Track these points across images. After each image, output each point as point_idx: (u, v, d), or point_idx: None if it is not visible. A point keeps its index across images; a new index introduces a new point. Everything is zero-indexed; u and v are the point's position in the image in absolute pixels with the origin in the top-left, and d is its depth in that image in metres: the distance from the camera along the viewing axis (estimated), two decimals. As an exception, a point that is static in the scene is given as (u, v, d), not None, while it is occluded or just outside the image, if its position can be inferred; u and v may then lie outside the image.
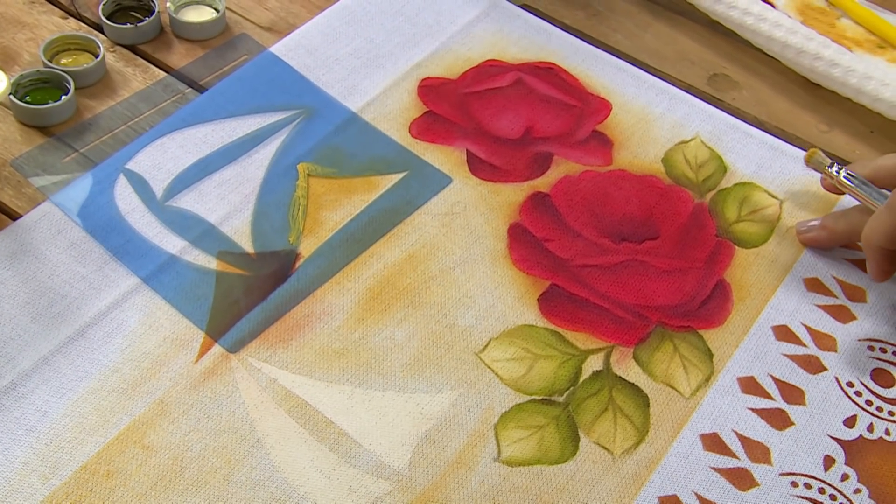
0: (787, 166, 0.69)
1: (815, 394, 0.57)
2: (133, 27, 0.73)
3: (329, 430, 0.53)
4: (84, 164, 0.64)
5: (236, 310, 0.58)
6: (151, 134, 0.67)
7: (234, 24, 0.76)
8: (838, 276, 0.63)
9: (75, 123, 0.67)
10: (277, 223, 0.63)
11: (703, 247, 0.64)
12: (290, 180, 0.65)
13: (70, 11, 0.75)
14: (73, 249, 0.60)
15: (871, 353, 0.60)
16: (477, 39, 0.76)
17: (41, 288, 0.58)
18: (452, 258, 0.62)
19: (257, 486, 0.51)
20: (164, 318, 0.57)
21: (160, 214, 0.62)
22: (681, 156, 0.70)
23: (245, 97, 0.70)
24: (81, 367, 0.54)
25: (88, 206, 0.62)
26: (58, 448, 0.51)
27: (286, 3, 0.79)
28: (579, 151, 0.69)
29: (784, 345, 0.60)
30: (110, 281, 0.58)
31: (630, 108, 0.72)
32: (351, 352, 0.57)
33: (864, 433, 0.56)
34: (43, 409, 0.53)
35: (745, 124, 0.72)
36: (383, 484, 0.51)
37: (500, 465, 0.53)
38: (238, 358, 0.56)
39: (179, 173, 0.65)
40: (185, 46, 0.74)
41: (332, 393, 0.55)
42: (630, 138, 0.70)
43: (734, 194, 0.67)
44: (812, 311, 0.61)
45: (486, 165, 0.68)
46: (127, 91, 0.70)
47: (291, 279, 0.60)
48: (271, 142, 0.67)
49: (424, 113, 0.70)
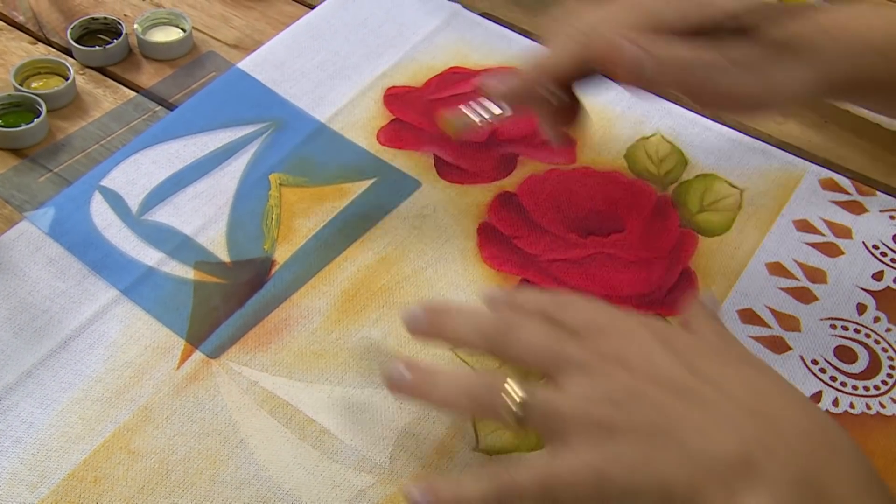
0: (745, 157, 0.72)
1: (781, 373, 0.59)
2: (102, 49, 0.74)
3: (310, 428, 0.54)
4: (59, 184, 0.65)
5: (215, 317, 0.59)
6: (124, 151, 0.68)
7: (201, 43, 0.78)
8: (799, 259, 0.65)
9: (49, 144, 0.68)
10: (252, 232, 0.64)
11: (668, 237, 0.66)
12: (263, 190, 0.67)
13: (38, 37, 0.77)
14: (52, 265, 0.61)
15: (833, 331, 0.62)
16: (439, 48, 0.78)
17: (22, 304, 0.59)
18: (424, 259, 0.63)
19: (243, 484, 0.52)
20: (144, 327, 0.58)
21: (136, 228, 0.63)
22: (642, 151, 0.72)
23: (215, 112, 0.71)
24: (65, 379, 0.56)
25: (65, 224, 0.63)
26: (45, 457, 0.52)
27: (251, 20, 0.80)
28: (544, 151, 0.71)
29: (750, 327, 0.61)
30: (90, 294, 0.59)
31: (591, 107, 0.74)
32: (329, 352, 0.58)
33: (829, 408, 0.58)
34: (28, 420, 0.54)
35: (703, 118, 0.74)
36: (366, 477, 0.53)
37: (480, 454, 0.54)
38: (219, 363, 0.57)
39: (154, 188, 0.66)
40: (154, 66, 0.75)
41: (312, 392, 0.56)
42: (593, 136, 0.72)
43: (696, 186, 0.69)
44: (775, 293, 0.63)
45: (453, 168, 0.69)
46: (98, 111, 0.71)
47: (268, 285, 0.61)
48: (242, 154, 0.69)
49: (391, 121, 0.72)
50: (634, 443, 0.43)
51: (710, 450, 0.42)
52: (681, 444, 0.42)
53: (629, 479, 0.42)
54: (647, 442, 0.43)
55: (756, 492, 0.40)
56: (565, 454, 0.44)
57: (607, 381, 0.45)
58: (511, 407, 0.45)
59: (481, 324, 0.49)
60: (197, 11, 0.81)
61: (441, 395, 0.48)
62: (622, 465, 0.42)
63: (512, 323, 0.48)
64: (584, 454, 0.43)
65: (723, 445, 0.42)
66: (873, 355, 0.60)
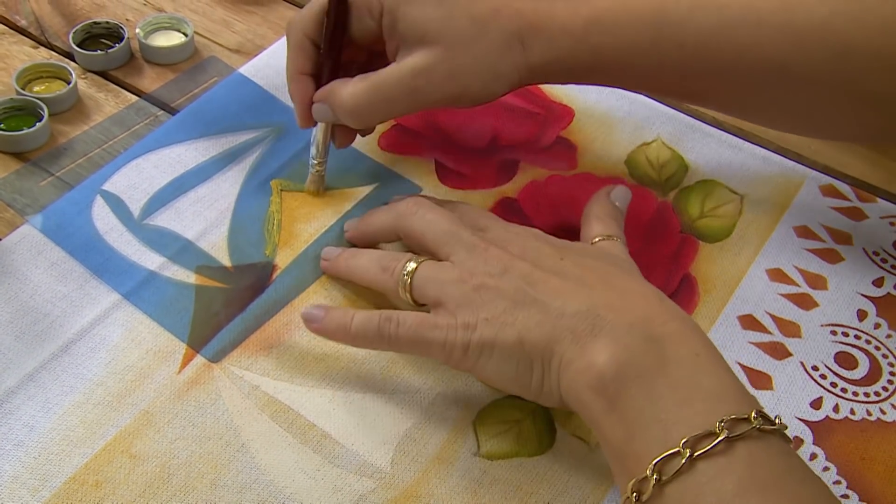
0: (746, 163, 0.72)
1: (781, 379, 0.59)
2: (103, 53, 0.74)
3: (312, 432, 0.54)
4: (61, 188, 0.66)
5: (216, 321, 0.59)
6: (126, 156, 0.68)
7: (202, 48, 0.78)
8: (800, 265, 0.66)
9: (50, 148, 0.68)
10: (253, 237, 0.64)
11: (669, 243, 0.66)
12: (264, 196, 0.67)
13: (41, 41, 0.77)
14: (54, 269, 0.61)
15: (833, 337, 0.62)
16: (441, 54, 0.78)
17: (23, 308, 0.59)
18: (426, 263, 0.64)
19: (244, 489, 0.52)
20: (145, 331, 0.58)
21: (138, 233, 0.63)
22: (643, 157, 0.72)
23: (216, 117, 0.71)
24: (66, 382, 0.56)
25: (67, 228, 0.63)
26: (46, 461, 0.52)
27: (253, 25, 0.81)
28: (544, 157, 0.71)
29: (750, 333, 0.61)
30: (91, 298, 0.60)
31: (592, 113, 0.74)
32: (330, 357, 0.58)
33: (830, 414, 0.58)
34: (30, 424, 0.54)
35: (704, 125, 0.74)
36: (367, 482, 0.53)
37: (480, 459, 0.54)
38: (220, 367, 0.57)
39: (155, 192, 0.66)
40: (156, 71, 0.76)
41: (314, 397, 0.56)
42: (593, 142, 0.72)
43: (696, 192, 0.70)
44: (776, 299, 0.64)
45: (454, 174, 0.69)
46: (100, 116, 0.71)
47: (269, 290, 0.61)
48: (244, 159, 0.69)
49: (393, 126, 0.72)
50: (502, 304, 0.51)
51: (565, 308, 0.50)
52: (541, 304, 0.51)
53: (494, 335, 0.51)
54: (512, 302, 0.51)
55: (600, 339, 0.48)
56: (443, 314, 0.53)
57: (486, 258, 0.54)
58: (404, 275, 0.55)
59: (399, 208, 0.59)
60: (199, 16, 0.81)
61: (360, 264, 0.59)
62: (490, 323, 0.51)
63: (423, 207, 0.58)
64: (460, 315, 0.52)
65: (575, 306, 0.50)
66: (874, 361, 0.61)
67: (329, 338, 0.57)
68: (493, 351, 0.51)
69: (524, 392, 0.52)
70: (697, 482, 0.43)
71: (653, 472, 0.44)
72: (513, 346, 0.50)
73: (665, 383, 0.46)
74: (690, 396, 0.46)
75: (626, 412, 0.46)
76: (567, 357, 0.49)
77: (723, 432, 0.43)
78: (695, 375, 0.47)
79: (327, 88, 0.62)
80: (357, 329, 0.55)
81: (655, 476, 0.44)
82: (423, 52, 0.59)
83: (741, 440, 0.44)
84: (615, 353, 0.47)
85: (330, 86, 0.62)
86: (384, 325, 0.54)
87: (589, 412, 0.48)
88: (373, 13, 0.61)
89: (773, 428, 0.45)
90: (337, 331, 0.56)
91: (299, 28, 0.62)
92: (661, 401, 0.46)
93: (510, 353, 0.51)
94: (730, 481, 0.43)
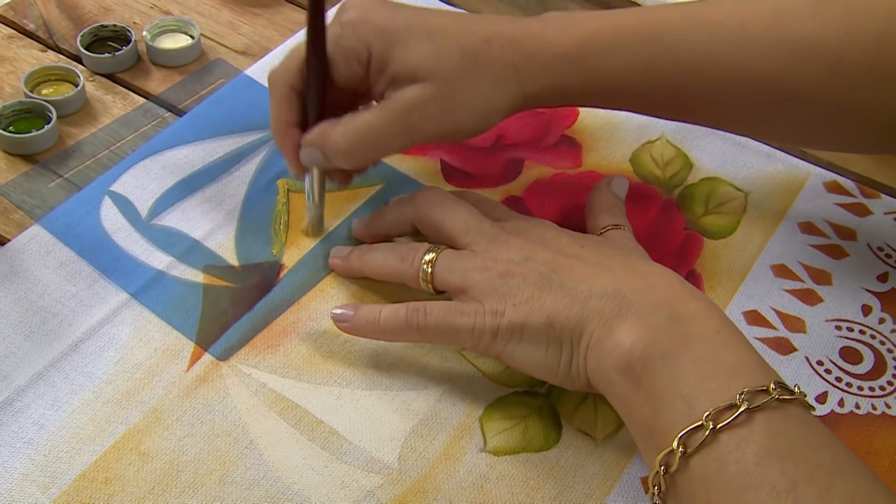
0: (750, 160, 0.72)
1: (787, 373, 0.59)
2: (111, 56, 0.75)
3: (319, 429, 0.55)
4: (69, 189, 0.66)
5: (224, 320, 0.60)
6: (134, 157, 0.69)
7: (209, 50, 0.78)
8: (804, 261, 0.66)
9: (59, 150, 0.69)
10: (260, 236, 0.64)
11: (673, 240, 0.66)
12: (271, 195, 0.67)
13: (49, 44, 0.77)
14: (63, 269, 0.61)
15: (838, 332, 0.62)
16: (446, 54, 0.78)
17: (33, 307, 0.59)
18: (431, 262, 0.64)
19: (252, 485, 0.52)
20: (154, 330, 0.59)
21: (146, 233, 0.64)
22: (647, 155, 0.72)
23: (223, 119, 0.72)
24: (76, 381, 0.56)
25: (75, 228, 0.63)
26: (56, 458, 0.53)
27: (259, 27, 0.81)
28: (549, 155, 0.71)
29: (755, 328, 0.62)
30: (100, 298, 0.60)
31: (596, 112, 0.75)
32: (337, 355, 0.58)
33: (835, 408, 0.58)
34: (40, 422, 0.54)
35: (708, 123, 0.75)
36: (374, 478, 0.53)
37: (487, 454, 0.55)
38: (228, 365, 0.57)
39: (163, 193, 0.66)
40: (163, 73, 0.76)
41: (321, 394, 0.56)
42: (598, 141, 0.73)
43: (700, 189, 0.70)
44: (781, 295, 0.64)
45: (460, 173, 0.70)
46: (108, 118, 0.72)
47: (276, 289, 0.62)
48: (251, 160, 0.69)
49: (398, 126, 0.73)
50: (528, 290, 0.53)
51: (591, 291, 0.52)
52: (567, 288, 0.52)
53: (524, 318, 0.52)
54: (539, 288, 0.53)
55: (627, 320, 0.50)
56: (468, 301, 0.54)
57: (508, 247, 0.56)
58: (423, 263, 0.57)
59: (417, 199, 0.61)
60: (205, 18, 0.81)
61: (376, 257, 0.60)
62: (518, 308, 0.53)
63: (443, 197, 0.60)
64: (487, 302, 0.53)
65: (601, 288, 0.51)
66: (878, 356, 0.61)
67: (359, 335, 0.58)
68: (522, 334, 0.53)
69: (550, 376, 0.54)
70: (720, 453, 0.44)
71: (679, 445, 0.45)
72: (543, 328, 0.52)
73: (688, 360, 0.48)
74: (712, 371, 0.47)
75: (651, 390, 0.48)
76: (595, 338, 0.51)
77: (743, 404, 0.45)
78: (716, 351, 0.48)
79: (317, 131, 0.59)
80: (386, 321, 0.56)
81: (681, 449, 0.45)
82: (415, 87, 0.57)
83: (760, 411, 0.45)
84: (642, 334, 0.49)
85: (319, 128, 0.59)
86: (412, 315, 0.55)
87: (616, 391, 0.50)
88: (360, 59, 0.58)
89: (792, 397, 0.46)
90: (367, 326, 0.57)
91: (282, 80, 0.60)
92: (685, 377, 0.47)
93: (540, 336, 0.52)
94: (750, 451, 0.44)
